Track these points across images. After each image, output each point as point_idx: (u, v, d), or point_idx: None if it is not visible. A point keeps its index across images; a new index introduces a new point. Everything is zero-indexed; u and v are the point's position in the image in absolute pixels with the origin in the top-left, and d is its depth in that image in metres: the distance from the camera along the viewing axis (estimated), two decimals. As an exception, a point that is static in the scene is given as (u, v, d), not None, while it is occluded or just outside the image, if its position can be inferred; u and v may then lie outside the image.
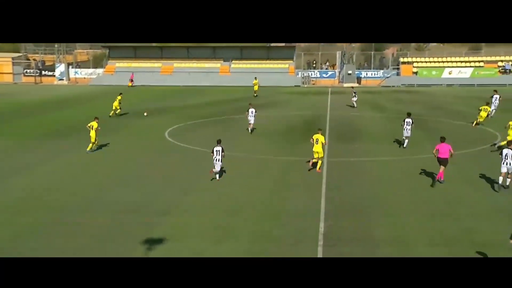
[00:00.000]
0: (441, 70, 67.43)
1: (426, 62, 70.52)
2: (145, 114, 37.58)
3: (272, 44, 73.04)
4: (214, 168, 20.03)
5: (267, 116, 37.24)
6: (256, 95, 53.20)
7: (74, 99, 51.31)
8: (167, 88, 63.48)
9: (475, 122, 32.68)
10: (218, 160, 19.88)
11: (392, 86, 64.48)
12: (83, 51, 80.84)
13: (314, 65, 73.35)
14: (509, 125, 25.43)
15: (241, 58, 73.21)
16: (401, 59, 70.98)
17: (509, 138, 23.29)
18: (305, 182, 19.85)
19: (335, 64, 72.19)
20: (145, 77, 70.05)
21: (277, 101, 49.14)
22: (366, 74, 70.07)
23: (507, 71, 66.24)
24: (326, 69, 72.64)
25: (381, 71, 70.12)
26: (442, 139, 19.76)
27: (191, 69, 72.28)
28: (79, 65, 76.04)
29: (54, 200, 17.74)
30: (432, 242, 13.77)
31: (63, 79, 72.10)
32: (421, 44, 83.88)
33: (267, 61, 72.13)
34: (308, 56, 75.42)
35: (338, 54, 71.18)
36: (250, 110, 31.39)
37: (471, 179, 20.11)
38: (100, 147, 26.39)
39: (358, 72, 69.67)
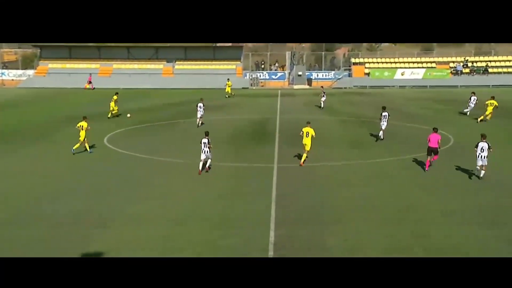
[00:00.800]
0: (393, 71, 69.32)
1: (378, 62, 72.40)
2: (128, 115, 38.52)
3: (218, 44, 73.19)
4: (200, 161, 22.17)
5: (213, 120, 37.23)
6: (229, 96, 54.40)
7: (1, 104, 49.72)
8: (105, 91, 62.42)
9: (480, 118, 35.70)
10: (204, 152, 22.11)
11: (344, 88, 65.81)
12: (10, 50, 78.44)
13: (262, 66, 73.90)
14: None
15: (185, 58, 72.97)
16: (353, 60, 72.57)
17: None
18: (254, 189, 19.95)
19: (285, 65, 73.02)
20: (81, 79, 68.67)
21: (224, 104, 49.21)
22: (317, 75, 71.20)
23: (459, 72, 68.72)
24: (276, 70, 73.31)
25: (333, 72, 71.44)
26: (435, 130, 22.29)
27: (132, 71, 71.47)
28: (6, 65, 73.71)
29: (-20, 214, 17.09)
30: (386, 250, 14.10)
31: (-14, 81, 69.99)
32: (373, 44, 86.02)
33: (213, 62, 72.21)
34: (256, 56, 75.95)
35: (288, 54, 72.03)
36: (199, 104, 34.29)
37: (424, 184, 20.75)
38: (34, 153, 25.67)
39: (308, 73, 70.67)
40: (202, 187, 20.29)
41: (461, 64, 69.70)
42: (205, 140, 22.30)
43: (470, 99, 39.80)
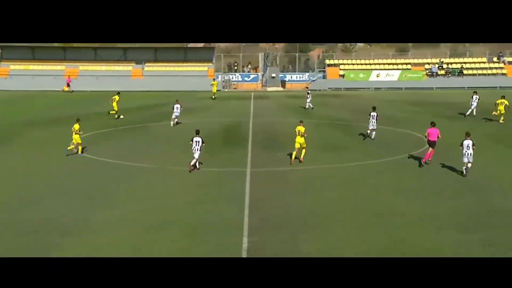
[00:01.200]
0: (368, 73, 70.07)
1: (353, 64, 73.09)
2: (121, 117, 40.01)
3: (190, 45, 73.03)
4: (193, 159, 22.92)
5: (184, 124, 37.09)
6: (215, 98, 54.96)
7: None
8: (71, 94, 61.71)
9: (496, 113, 36.82)
10: (197, 150, 22.81)
11: (319, 90, 66.22)
12: (-34, 50, 77.04)
13: (235, 68, 73.97)
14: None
15: (155, 60, 72.62)
16: (327, 61, 73.09)
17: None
18: (226, 195, 19.93)
19: (258, 67, 73.21)
20: (46, 81, 67.78)
21: (195, 107, 49.11)
22: (291, 77, 71.56)
23: (434, 74, 69.76)
24: (248, 72, 73.44)
25: (307, 73, 71.86)
26: (433, 124, 24.21)
27: (99, 73, 70.82)
28: (-34, 67, 72.49)
29: None
30: (363, 255, 14.21)
31: None
32: (348, 45, 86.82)
33: (184, 64, 72.04)
34: (228, 58, 75.96)
35: (261, 55, 72.22)
36: (175, 105, 36.16)
37: (400, 188, 20.99)
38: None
39: (282, 75, 70.98)
40: (174, 192, 20.21)
41: (437, 65, 70.79)
42: (197, 139, 22.99)
43: (472, 97, 40.30)
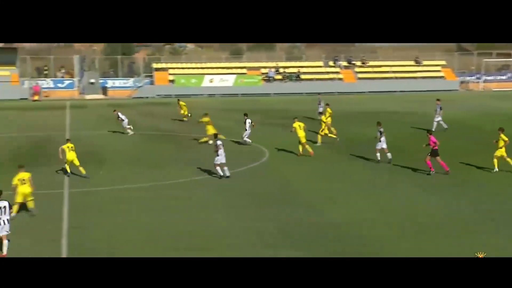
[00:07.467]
0: (201, 78, 71.24)
1: (183, 68, 73.87)
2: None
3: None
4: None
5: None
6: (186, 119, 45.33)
7: None
8: None
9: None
10: (5, 223, 17.25)
11: (146, 98, 66.21)
12: None
13: (46, 73, 71.30)
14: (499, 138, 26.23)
15: None
16: (154, 65, 73.16)
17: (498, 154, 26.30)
18: (29, 224, 19.52)
19: (73, 71, 71.22)
20: None
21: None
22: (114, 83, 70.59)
23: (271, 78, 72.98)
24: (62, 77, 71.22)
25: (132, 79, 71.37)
26: (430, 132, 26.39)
27: None
28: None
29: None
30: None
31: None
32: (177, 47, 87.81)
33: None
34: (37, 61, 72.98)
35: (76, 58, 70.46)
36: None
37: (224, 203, 22.05)
38: None
39: (103, 81, 69.88)
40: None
41: (273, 70, 73.93)
42: (3, 204, 17.24)
43: (436, 107, 38.73)
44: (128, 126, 38.87)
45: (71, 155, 25.84)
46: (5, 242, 16.65)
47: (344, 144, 33.17)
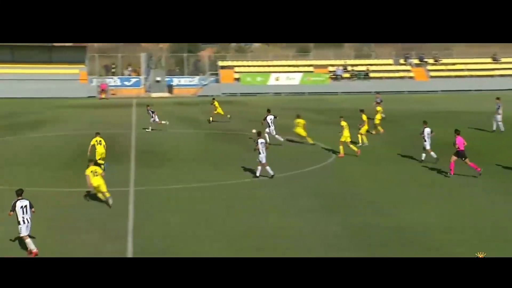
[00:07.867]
0: (267, 76, 71.02)
1: (249, 66, 73.84)
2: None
3: (56, 44, 70.31)
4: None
5: (51, 137, 36.11)
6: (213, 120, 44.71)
7: None
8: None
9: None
10: (27, 220, 16.85)
11: (211, 96, 66.43)
12: None
13: (113, 71, 72.51)
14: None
15: (12, 61, 69.11)
16: (220, 63, 73.35)
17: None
18: (96, 220, 19.53)
19: (140, 69, 72.13)
20: None
21: (62, 117, 47.81)
22: (179, 81, 71.12)
23: (339, 77, 72.01)
24: (129, 75, 72.21)
25: (197, 77, 71.73)
26: (457, 132, 24.86)
27: None
28: None
29: None
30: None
31: None
32: (242, 45, 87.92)
33: (50, 65, 69.34)
34: (105, 59, 74.31)
35: (143, 56, 71.32)
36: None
37: (282, 206, 21.64)
38: None
39: (168, 79, 70.49)
40: (41, 220, 19.44)
41: (341, 68, 72.99)
42: (24, 203, 16.69)
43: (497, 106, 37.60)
44: (162, 121, 39.34)
45: (100, 149, 26.11)
46: (28, 240, 16.47)
47: (411, 145, 32.10)
